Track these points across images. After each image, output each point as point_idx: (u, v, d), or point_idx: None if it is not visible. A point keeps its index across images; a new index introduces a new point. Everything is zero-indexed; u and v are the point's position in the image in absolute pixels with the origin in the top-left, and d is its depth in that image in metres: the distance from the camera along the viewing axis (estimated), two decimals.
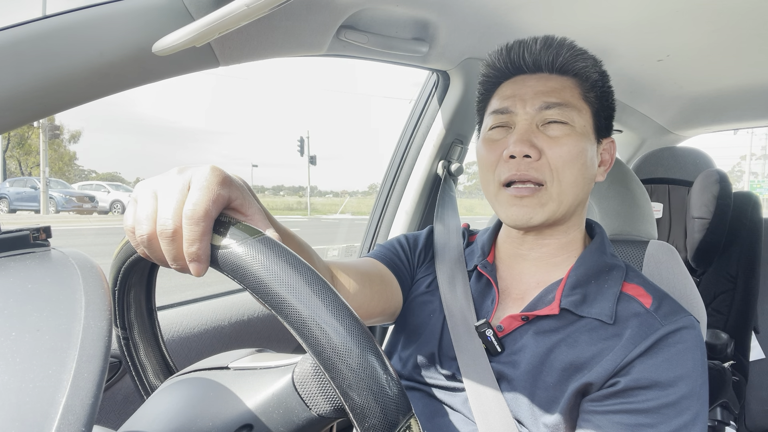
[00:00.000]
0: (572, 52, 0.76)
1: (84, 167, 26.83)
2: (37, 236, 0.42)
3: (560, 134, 0.74)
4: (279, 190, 65.05)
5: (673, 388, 0.64)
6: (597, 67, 0.78)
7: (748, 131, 28.44)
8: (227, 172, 0.44)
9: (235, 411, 0.42)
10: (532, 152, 0.72)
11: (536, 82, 0.77)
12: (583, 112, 0.76)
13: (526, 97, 0.76)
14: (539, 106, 0.75)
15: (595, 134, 0.78)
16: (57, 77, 0.63)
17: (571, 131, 0.74)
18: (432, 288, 0.87)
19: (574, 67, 0.77)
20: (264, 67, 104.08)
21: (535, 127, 0.75)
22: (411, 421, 0.35)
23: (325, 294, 0.36)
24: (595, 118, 0.78)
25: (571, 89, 0.76)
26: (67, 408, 0.28)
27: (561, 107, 0.74)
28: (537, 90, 0.76)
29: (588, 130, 0.76)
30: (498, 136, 0.78)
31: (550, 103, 0.74)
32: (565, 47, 0.77)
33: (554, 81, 0.77)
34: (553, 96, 0.75)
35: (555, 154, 0.73)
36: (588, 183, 0.77)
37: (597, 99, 0.78)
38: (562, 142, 0.73)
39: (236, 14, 0.56)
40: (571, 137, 0.74)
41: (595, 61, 0.78)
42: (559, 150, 0.73)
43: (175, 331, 1.05)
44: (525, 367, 0.71)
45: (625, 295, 0.74)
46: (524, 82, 0.78)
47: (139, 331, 0.57)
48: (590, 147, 0.76)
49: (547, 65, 0.77)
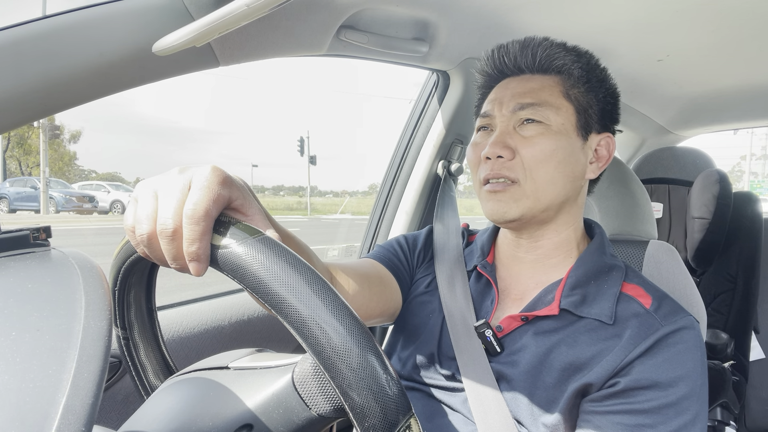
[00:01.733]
0: (549, 50, 0.77)
1: (84, 167, 26.82)
2: (37, 236, 0.42)
3: (533, 133, 0.75)
4: (279, 190, 65.07)
5: (673, 389, 0.64)
6: (580, 62, 0.78)
7: (748, 131, 28.43)
8: (228, 172, 0.44)
9: (235, 411, 0.42)
10: (504, 153, 0.74)
11: (517, 83, 0.79)
12: (563, 110, 0.76)
13: (504, 99, 0.78)
14: (513, 107, 0.77)
15: (579, 131, 0.77)
16: (57, 77, 0.63)
17: (546, 130, 0.75)
18: (431, 288, 0.87)
19: (554, 65, 0.78)
20: (264, 67, 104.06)
21: (512, 128, 0.76)
22: (411, 420, 0.36)
23: (325, 294, 0.36)
24: (582, 115, 0.77)
25: (550, 88, 0.77)
26: (67, 408, 0.28)
27: (534, 107, 0.75)
28: (515, 92, 0.78)
29: (568, 128, 0.76)
30: (480, 139, 0.80)
31: (523, 103, 0.76)
32: (542, 47, 0.78)
33: (534, 81, 0.78)
34: (528, 97, 0.76)
35: (528, 153, 0.74)
36: (571, 180, 0.77)
37: (583, 95, 0.78)
38: (534, 141, 0.74)
39: (236, 14, 0.56)
40: (545, 136, 0.74)
41: (577, 56, 0.78)
42: (532, 149, 0.74)
43: (175, 331, 1.05)
44: (524, 367, 0.71)
45: (625, 295, 0.74)
46: (507, 85, 0.80)
47: (139, 331, 0.57)
48: (570, 144, 0.76)
49: (527, 66, 0.79)
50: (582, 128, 0.78)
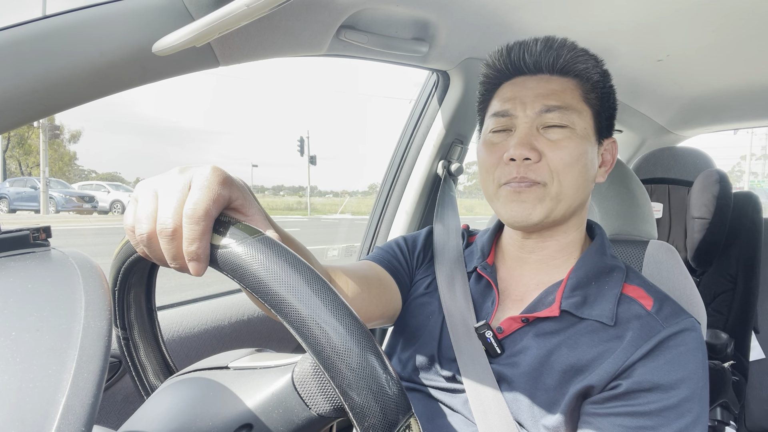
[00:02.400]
0: (573, 53, 0.76)
1: (84, 167, 26.79)
2: (37, 236, 0.42)
3: (561, 137, 0.73)
4: (279, 190, 65.02)
5: (674, 391, 0.64)
6: (598, 68, 0.78)
7: (748, 131, 28.44)
8: (228, 172, 0.44)
9: (234, 411, 0.42)
10: (532, 155, 0.72)
11: (536, 83, 0.76)
12: (584, 114, 0.76)
13: (526, 99, 0.75)
14: (539, 109, 0.74)
15: (596, 135, 0.78)
16: (57, 77, 0.63)
17: (572, 134, 0.74)
18: (431, 289, 0.87)
19: (575, 69, 0.76)
20: (264, 67, 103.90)
21: (536, 130, 0.74)
22: (411, 420, 0.35)
23: (325, 293, 0.36)
24: (596, 120, 0.78)
25: (571, 91, 0.76)
26: (67, 408, 0.28)
27: (561, 110, 0.74)
28: (537, 92, 0.75)
29: (589, 132, 0.76)
30: (498, 139, 0.77)
31: (550, 106, 0.74)
32: (566, 48, 0.76)
33: (555, 83, 0.76)
34: (553, 99, 0.74)
35: (556, 157, 0.73)
36: (588, 185, 0.77)
37: (598, 100, 0.78)
38: (562, 145, 0.73)
39: (236, 14, 0.56)
40: (572, 140, 0.73)
41: (596, 62, 0.78)
42: (560, 153, 0.73)
43: (175, 331, 1.05)
44: (525, 369, 0.71)
45: (626, 296, 0.73)
46: (524, 84, 0.77)
47: (139, 331, 0.57)
48: (591, 149, 0.76)
49: (547, 66, 0.77)
50: (597, 133, 0.78)
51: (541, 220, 0.74)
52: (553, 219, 0.75)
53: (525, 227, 0.77)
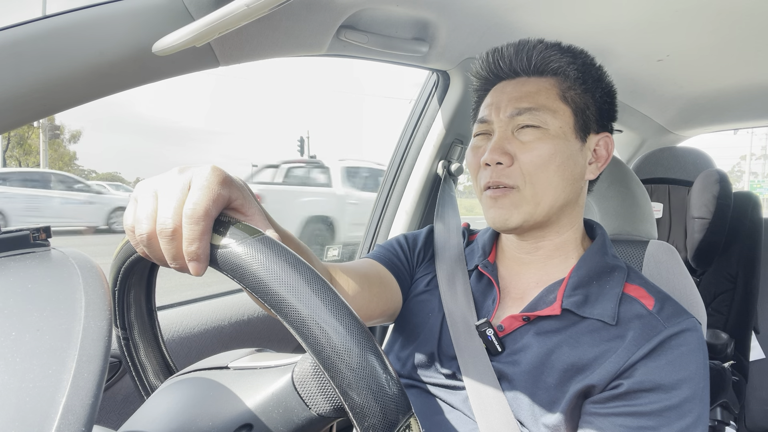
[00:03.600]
0: (545, 53, 0.76)
1: (84, 167, 26.76)
2: (37, 236, 0.42)
3: (532, 138, 0.74)
4: None
5: (676, 391, 0.64)
6: (576, 64, 0.77)
7: (748, 131, 28.43)
8: (228, 172, 0.44)
9: (234, 411, 0.42)
10: (503, 159, 0.74)
11: (513, 87, 0.78)
12: (560, 113, 0.76)
13: (501, 104, 0.77)
14: (511, 112, 0.76)
15: (578, 133, 0.77)
16: (57, 77, 0.63)
17: (544, 134, 0.74)
18: (431, 287, 0.87)
19: (550, 68, 0.77)
20: (264, 67, 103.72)
21: (510, 134, 0.76)
22: (411, 420, 0.35)
23: (325, 293, 0.36)
24: (579, 116, 0.77)
25: (546, 90, 0.76)
26: (67, 408, 0.28)
27: (532, 111, 0.75)
28: (512, 96, 0.77)
29: (566, 131, 0.76)
30: (480, 144, 0.80)
31: (521, 108, 0.75)
32: (537, 49, 0.77)
33: (530, 84, 0.77)
34: (525, 101, 0.76)
35: (526, 159, 0.74)
36: (571, 183, 0.76)
37: (580, 96, 0.77)
38: (532, 146, 0.74)
39: (236, 14, 0.56)
40: (543, 140, 0.74)
41: (573, 58, 0.77)
42: (530, 155, 0.74)
43: (175, 331, 1.05)
44: (525, 367, 0.71)
45: (627, 296, 0.73)
46: (503, 89, 0.79)
47: (139, 331, 0.57)
48: (568, 147, 0.75)
49: (522, 69, 0.78)
50: (580, 130, 0.77)
51: (520, 224, 0.75)
52: (534, 221, 0.75)
53: (506, 231, 0.78)
